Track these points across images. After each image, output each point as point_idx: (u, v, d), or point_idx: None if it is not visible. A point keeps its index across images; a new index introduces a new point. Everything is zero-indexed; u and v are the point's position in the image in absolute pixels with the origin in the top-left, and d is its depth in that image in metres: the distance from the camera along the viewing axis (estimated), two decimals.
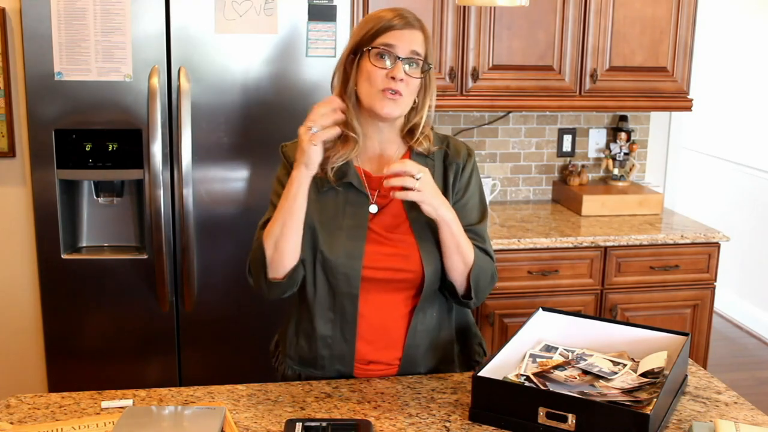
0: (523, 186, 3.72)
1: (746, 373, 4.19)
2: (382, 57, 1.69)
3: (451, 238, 1.71)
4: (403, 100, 1.70)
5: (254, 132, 2.69)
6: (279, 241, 1.69)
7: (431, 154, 1.81)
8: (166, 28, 2.58)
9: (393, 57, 1.68)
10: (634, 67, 3.33)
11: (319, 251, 1.73)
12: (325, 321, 1.78)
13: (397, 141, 1.80)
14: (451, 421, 1.59)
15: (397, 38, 1.68)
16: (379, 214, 1.77)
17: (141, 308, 2.75)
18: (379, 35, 1.69)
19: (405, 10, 1.74)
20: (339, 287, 1.75)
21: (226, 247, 2.74)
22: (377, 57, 1.69)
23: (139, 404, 1.65)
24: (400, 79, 1.67)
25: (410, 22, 1.71)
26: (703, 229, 3.25)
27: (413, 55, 1.69)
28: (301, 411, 1.62)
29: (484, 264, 1.78)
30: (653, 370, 1.68)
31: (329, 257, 1.73)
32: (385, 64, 1.68)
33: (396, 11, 1.72)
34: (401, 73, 1.67)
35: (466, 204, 1.82)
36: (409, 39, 1.69)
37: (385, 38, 1.68)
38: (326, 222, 1.75)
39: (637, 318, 3.14)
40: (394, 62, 1.68)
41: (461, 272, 1.75)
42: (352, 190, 1.77)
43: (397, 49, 1.68)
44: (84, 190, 2.76)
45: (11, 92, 2.77)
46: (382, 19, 1.70)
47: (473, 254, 1.75)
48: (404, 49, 1.68)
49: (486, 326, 3.07)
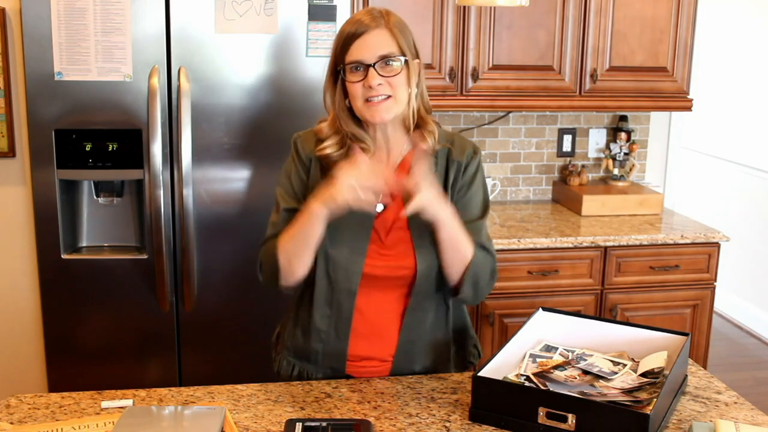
0: (523, 186, 3.72)
1: (746, 373, 4.19)
2: (356, 70, 1.69)
3: (448, 237, 1.72)
4: (391, 100, 1.70)
5: (254, 132, 2.69)
6: (292, 258, 1.73)
7: (435, 153, 1.81)
8: (166, 28, 2.58)
9: (364, 67, 1.68)
10: (634, 67, 3.33)
11: (323, 246, 1.74)
12: (322, 315, 1.80)
13: (403, 139, 1.80)
14: (451, 421, 1.59)
15: (361, 48, 1.68)
16: (383, 211, 1.78)
17: (141, 308, 2.75)
18: (346, 51, 1.69)
19: (369, 11, 1.73)
20: (338, 282, 1.76)
21: (226, 247, 2.74)
22: (351, 72, 1.70)
23: (139, 404, 1.65)
24: (378, 84, 1.67)
25: (372, 20, 1.70)
26: (703, 229, 3.25)
27: (383, 58, 1.68)
28: (301, 411, 1.62)
29: (483, 261, 1.78)
30: (653, 370, 1.68)
31: (332, 253, 1.74)
32: (359, 76, 1.69)
33: (358, 16, 1.72)
34: (376, 79, 1.67)
35: (469, 200, 1.82)
36: (372, 43, 1.68)
37: (351, 54, 1.69)
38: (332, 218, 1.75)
39: (637, 318, 3.14)
40: (366, 71, 1.68)
41: (458, 269, 1.76)
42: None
43: (364, 58, 1.68)
44: (84, 190, 2.76)
45: (11, 92, 2.77)
46: (345, 30, 1.71)
47: (471, 252, 1.75)
48: (371, 56, 1.68)
49: (486, 326, 3.07)
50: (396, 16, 1.74)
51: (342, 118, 1.75)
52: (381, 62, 1.68)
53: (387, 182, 1.64)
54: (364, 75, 1.68)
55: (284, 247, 1.73)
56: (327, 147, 1.77)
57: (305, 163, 1.81)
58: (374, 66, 1.67)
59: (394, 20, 1.73)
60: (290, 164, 1.83)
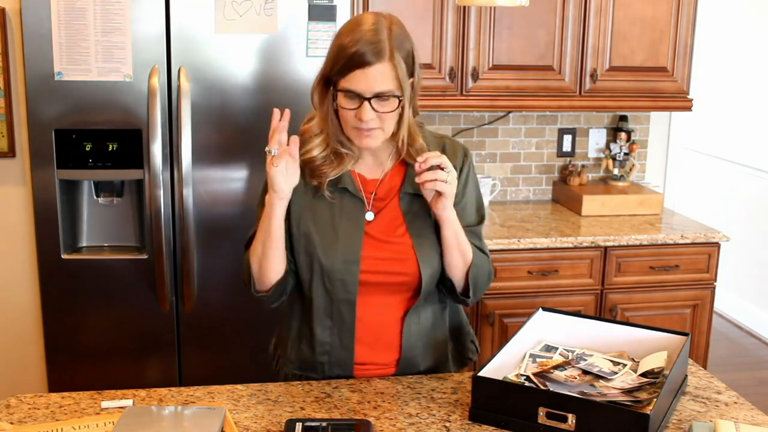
0: (523, 186, 3.72)
1: (746, 373, 4.19)
2: (350, 98, 1.64)
3: (454, 237, 1.72)
4: (379, 131, 1.67)
5: (254, 132, 2.69)
6: (261, 260, 1.72)
7: None
8: (166, 28, 2.58)
9: (359, 98, 1.63)
10: (634, 67, 3.33)
11: (315, 258, 1.73)
12: (323, 328, 1.78)
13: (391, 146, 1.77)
14: (451, 421, 1.59)
15: (359, 81, 1.61)
16: (375, 217, 1.76)
17: (141, 308, 2.75)
18: (344, 75, 1.63)
19: (374, 35, 1.62)
20: (336, 293, 1.75)
21: (226, 246, 2.74)
22: (345, 98, 1.65)
23: (139, 404, 1.65)
24: (370, 119, 1.63)
25: (377, 53, 1.60)
26: (703, 229, 3.25)
27: (379, 95, 1.63)
28: (301, 411, 1.62)
29: (482, 263, 1.79)
30: (653, 370, 1.68)
31: (325, 264, 1.72)
32: (352, 105, 1.64)
33: (363, 39, 1.61)
34: (368, 114, 1.62)
35: (465, 206, 1.81)
36: (372, 79, 1.61)
37: (348, 81, 1.62)
38: (322, 228, 1.74)
39: (637, 318, 3.14)
40: (360, 103, 1.63)
41: (461, 270, 1.76)
42: (347, 195, 1.75)
43: (362, 92, 1.62)
44: (84, 190, 2.76)
45: (11, 92, 2.78)
46: (347, 50, 1.62)
47: (472, 253, 1.75)
48: (368, 91, 1.62)
49: (486, 326, 3.07)
50: (398, 29, 1.66)
51: (330, 121, 1.72)
52: (376, 99, 1.63)
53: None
54: (357, 105, 1.63)
55: (254, 252, 1.74)
56: (312, 148, 1.74)
57: None
58: (369, 101, 1.63)
59: (395, 42, 1.63)
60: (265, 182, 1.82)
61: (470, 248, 1.75)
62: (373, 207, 1.77)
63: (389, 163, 1.79)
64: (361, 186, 1.77)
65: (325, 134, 1.74)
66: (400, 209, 1.76)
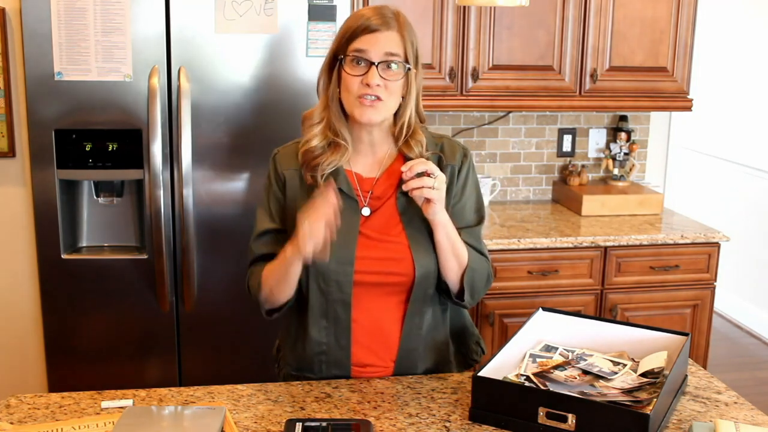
0: (523, 186, 3.72)
1: (746, 373, 4.19)
2: (357, 63, 1.65)
3: (447, 240, 1.71)
4: (383, 104, 1.67)
5: (254, 132, 2.69)
6: (274, 289, 1.74)
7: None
8: (166, 28, 2.58)
9: (367, 63, 1.64)
10: (634, 67, 3.33)
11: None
12: (319, 328, 1.78)
13: (389, 142, 1.78)
14: (451, 421, 1.59)
15: (369, 42, 1.64)
16: (371, 217, 1.76)
17: (141, 308, 2.75)
18: (353, 40, 1.65)
19: (381, 9, 1.68)
20: (331, 294, 1.74)
21: (226, 247, 2.74)
22: (352, 64, 1.65)
23: (139, 404, 1.65)
24: (376, 85, 1.64)
25: (385, 22, 1.65)
26: (703, 229, 3.25)
27: (388, 57, 1.65)
28: (301, 411, 1.62)
29: (479, 265, 1.78)
30: (653, 370, 1.68)
31: (320, 264, 1.70)
32: (359, 71, 1.65)
33: (370, 12, 1.66)
34: (375, 79, 1.63)
35: (464, 206, 1.80)
36: (382, 42, 1.64)
37: (358, 43, 1.64)
38: None
39: (637, 318, 3.14)
40: (368, 68, 1.64)
41: (456, 273, 1.75)
42: (342, 194, 1.74)
43: (370, 53, 1.64)
44: (84, 190, 2.76)
45: (11, 92, 2.78)
46: (356, 22, 1.66)
47: (467, 255, 1.74)
48: (377, 53, 1.64)
49: (486, 326, 3.07)
50: (405, 18, 1.70)
51: (331, 108, 1.72)
52: (384, 63, 1.65)
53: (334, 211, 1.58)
54: (364, 70, 1.65)
55: (266, 281, 1.74)
56: (311, 138, 1.74)
57: (281, 180, 1.79)
58: (377, 65, 1.64)
59: (404, 22, 1.69)
60: (267, 183, 1.82)
61: (465, 251, 1.74)
62: (370, 205, 1.76)
63: (387, 161, 1.78)
64: (357, 186, 1.77)
65: (325, 123, 1.74)
66: (397, 208, 1.76)
